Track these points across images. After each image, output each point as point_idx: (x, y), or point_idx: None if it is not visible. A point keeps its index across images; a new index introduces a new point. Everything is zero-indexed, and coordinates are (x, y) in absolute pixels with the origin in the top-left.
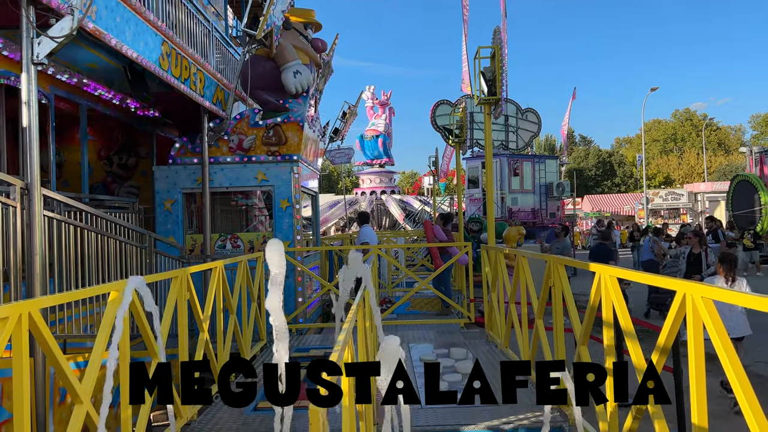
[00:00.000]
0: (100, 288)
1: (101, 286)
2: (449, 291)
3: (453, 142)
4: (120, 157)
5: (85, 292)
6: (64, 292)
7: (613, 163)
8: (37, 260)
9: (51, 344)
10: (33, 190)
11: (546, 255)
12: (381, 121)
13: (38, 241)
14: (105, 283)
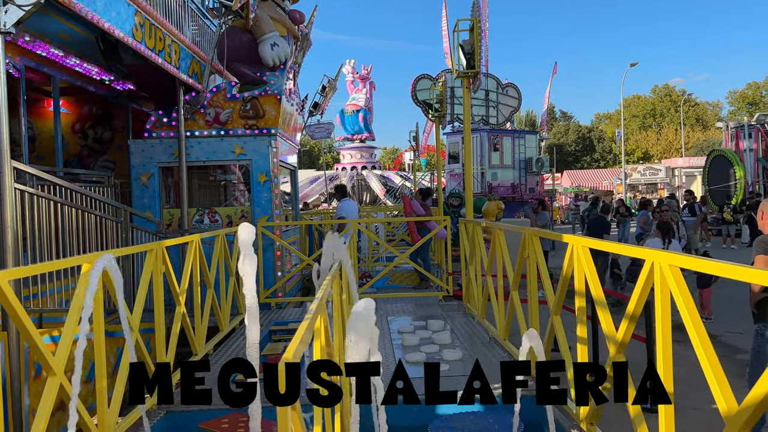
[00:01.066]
0: (69, 261)
1: (70, 259)
2: (428, 265)
3: (433, 116)
4: (95, 131)
5: (54, 264)
6: (33, 264)
7: (592, 139)
8: (9, 234)
9: (21, 315)
10: (3, 162)
11: (522, 227)
12: (361, 95)
13: (9, 215)
14: (75, 256)
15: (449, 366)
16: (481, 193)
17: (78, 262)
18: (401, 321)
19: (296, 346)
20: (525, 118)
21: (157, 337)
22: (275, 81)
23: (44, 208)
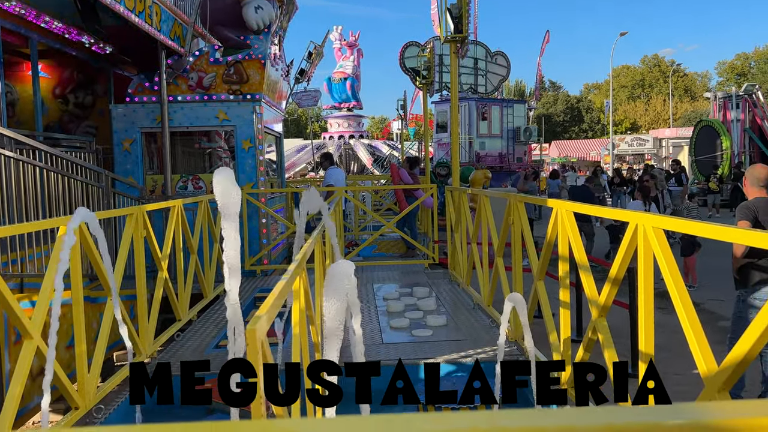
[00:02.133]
0: (45, 222)
1: (46, 221)
2: (414, 233)
3: (420, 83)
4: (76, 96)
5: (28, 226)
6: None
7: (581, 109)
8: None
9: None
10: None
11: (506, 193)
12: (349, 63)
13: None
14: (52, 218)
15: (433, 331)
16: (469, 163)
17: (55, 224)
18: (387, 288)
19: (269, 304)
20: (514, 88)
21: (139, 302)
22: (259, 45)
23: (22, 172)
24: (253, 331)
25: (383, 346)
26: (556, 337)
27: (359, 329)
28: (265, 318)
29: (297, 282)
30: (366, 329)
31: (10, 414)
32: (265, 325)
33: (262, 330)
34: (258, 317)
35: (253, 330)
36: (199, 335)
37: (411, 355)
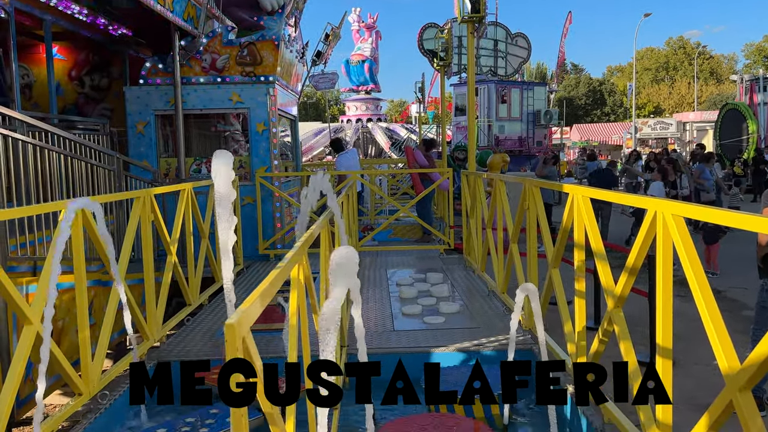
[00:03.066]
0: (46, 206)
1: (47, 204)
2: (430, 218)
3: (438, 65)
4: (92, 78)
5: (29, 209)
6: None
7: (603, 92)
8: None
9: None
10: None
11: (522, 177)
12: (367, 45)
13: None
14: (53, 202)
15: (445, 318)
16: (488, 147)
17: (55, 208)
18: (401, 273)
19: (257, 295)
20: (536, 71)
21: (147, 287)
22: (273, 26)
23: (30, 154)
24: (232, 327)
25: (394, 333)
26: (571, 327)
27: (359, 318)
28: (247, 312)
29: (296, 270)
30: (377, 316)
31: (7, 404)
32: (246, 320)
33: (243, 325)
34: (240, 311)
35: (232, 325)
36: (210, 320)
37: (422, 342)
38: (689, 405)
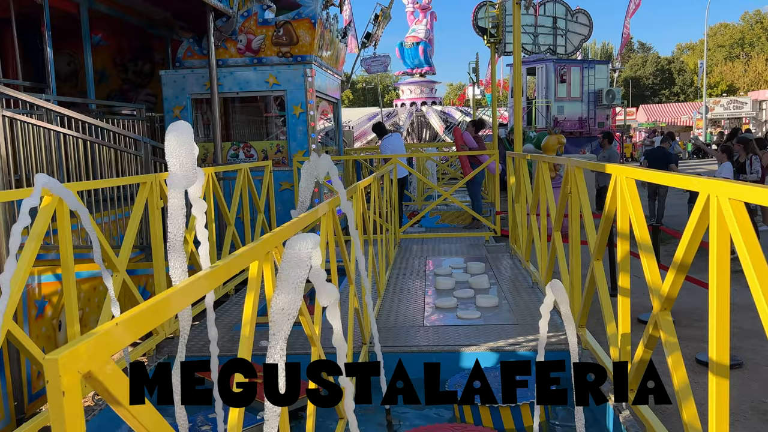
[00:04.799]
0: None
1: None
2: (479, 203)
3: (488, 42)
4: (135, 64)
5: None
6: None
7: (672, 71)
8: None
9: None
10: None
11: (563, 158)
12: (421, 27)
13: None
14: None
15: (480, 314)
16: (545, 128)
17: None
18: (440, 262)
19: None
20: (600, 50)
21: (156, 277)
22: (309, 3)
23: (45, 139)
24: (54, 362)
25: (423, 329)
26: (614, 329)
27: (338, 325)
28: (89, 342)
29: (255, 267)
30: (408, 309)
31: None
32: (86, 356)
33: (79, 360)
34: (78, 341)
35: (54, 360)
36: (233, 311)
37: (452, 341)
38: (757, 412)
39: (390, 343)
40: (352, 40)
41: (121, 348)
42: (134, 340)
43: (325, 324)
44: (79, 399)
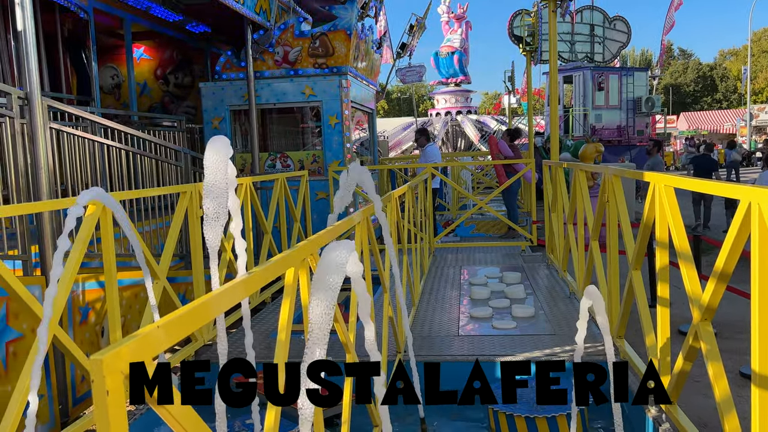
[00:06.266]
0: (61, 202)
1: (63, 199)
2: (515, 212)
3: (524, 50)
4: (176, 76)
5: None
6: (22, 203)
7: (714, 78)
8: (43, 175)
9: None
10: (33, 99)
11: (601, 166)
12: (457, 36)
13: (43, 155)
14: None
15: (516, 324)
16: (583, 136)
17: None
18: (476, 272)
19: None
20: (640, 57)
21: (195, 285)
22: (344, 15)
23: (89, 150)
24: (99, 362)
25: (458, 338)
26: (654, 340)
27: (371, 334)
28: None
29: (291, 274)
30: (442, 318)
31: None
32: (129, 357)
33: (122, 360)
34: (121, 343)
35: (99, 361)
36: (270, 319)
37: (487, 350)
38: None
39: (424, 352)
40: (387, 51)
41: (162, 350)
42: (174, 342)
43: (359, 331)
44: (122, 398)
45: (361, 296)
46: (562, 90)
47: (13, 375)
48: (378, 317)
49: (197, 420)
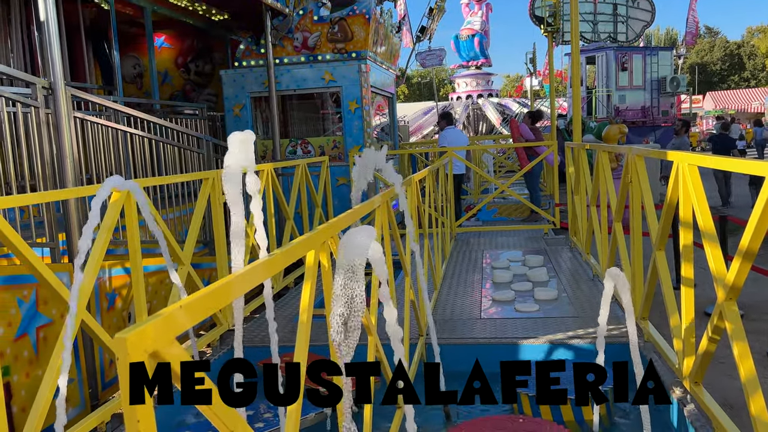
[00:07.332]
0: (86, 189)
1: (88, 186)
2: (537, 195)
3: (546, 31)
4: (196, 65)
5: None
6: (37, 192)
7: (742, 56)
8: (68, 164)
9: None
10: (57, 89)
11: (623, 147)
12: (477, 18)
13: (68, 144)
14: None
15: (539, 307)
16: (606, 118)
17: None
18: (498, 255)
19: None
20: (664, 37)
21: (219, 270)
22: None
23: (113, 139)
24: (123, 341)
25: (480, 321)
26: (678, 320)
27: (392, 317)
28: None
29: (311, 256)
30: (464, 302)
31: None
32: (153, 336)
33: (147, 339)
34: (145, 322)
35: (123, 339)
36: (293, 303)
37: (509, 333)
38: None
39: (447, 335)
40: (406, 35)
41: (185, 329)
42: (196, 322)
43: (381, 314)
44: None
45: (381, 277)
46: (584, 71)
47: (44, 359)
48: (399, 301)
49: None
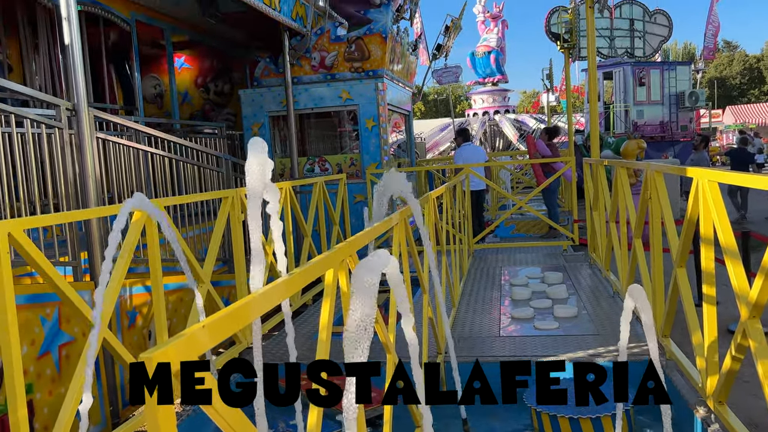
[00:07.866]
0: (108, 209)
1: (109, 206)
2: (555, 211)
3: (562, 47)
4: (216, 85)
5: (97, 211)
6: (52, 214)
7: (762, 69)
8: (90, 183)
9: (40, 262)
10: (80, 110)
11: (643, 162)
12: (493, 35)
13: (90, 164)
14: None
15: (558, 324)
16: (624, 133)
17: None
18: (516, 272)
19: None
20: (682, 51)
21: (238, 288)
22: (380, 18)
23: (134, 158)
24: (148, 360)
25: (499, 339)
26: (700, 338)
27: (411, 333)
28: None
29: (330, 275)
30: (483, 319)
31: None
32: (176, 355)
33: (169, 359)
34: (168, 342)
35: (148, 359)
36: (311, 321)
37: (529, 351)
38: None
39: (465, 353)
40: (423, 53)
41: (207, 348)
42: (217, 342)
43: (399, 333)
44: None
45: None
46: (602, 86)
47: (66, 377)
48: (417, 319)
49: (243, 419)
